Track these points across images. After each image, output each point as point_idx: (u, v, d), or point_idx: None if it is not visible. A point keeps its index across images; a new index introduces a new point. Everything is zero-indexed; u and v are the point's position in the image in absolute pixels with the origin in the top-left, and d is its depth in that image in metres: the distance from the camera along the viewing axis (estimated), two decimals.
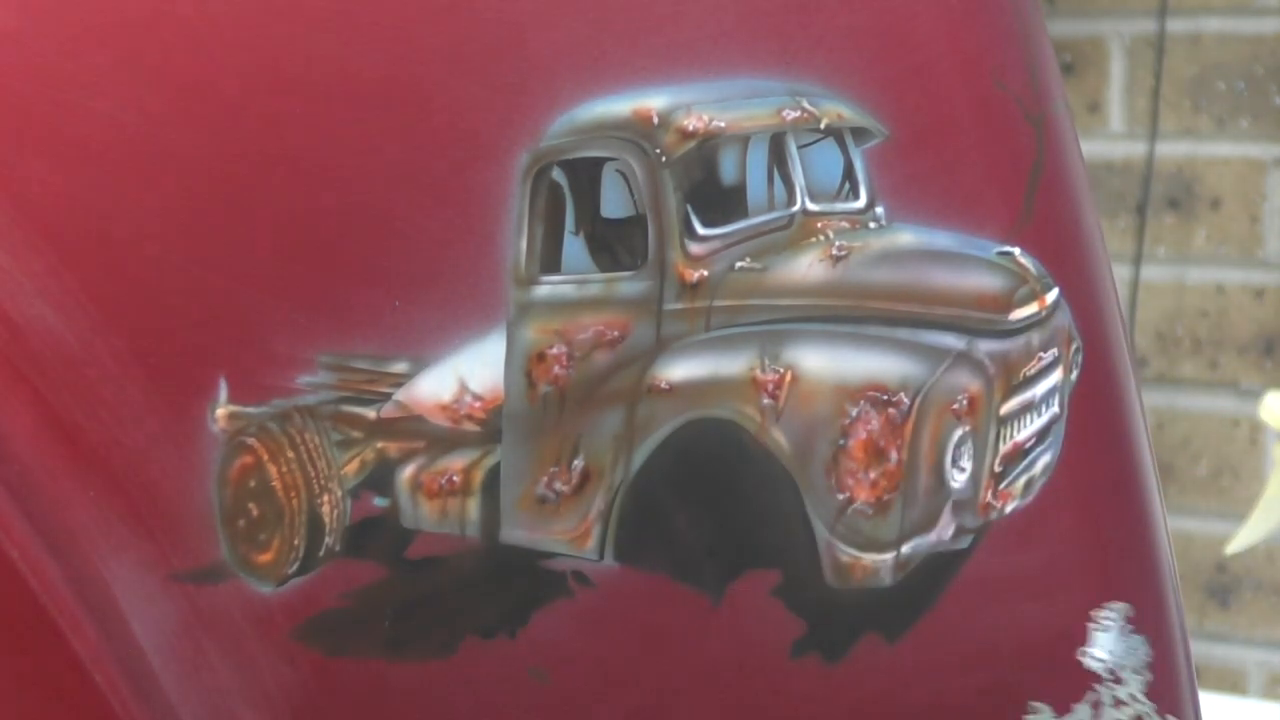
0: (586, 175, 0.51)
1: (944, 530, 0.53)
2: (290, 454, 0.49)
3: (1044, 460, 0.55)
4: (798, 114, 0.52)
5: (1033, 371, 0.55)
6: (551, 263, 0.51)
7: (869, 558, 0.52)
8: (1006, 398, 0.54)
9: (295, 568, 0.50)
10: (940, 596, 0.54)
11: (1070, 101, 0.60)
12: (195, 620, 0.49)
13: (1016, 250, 0.55)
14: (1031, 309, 0.54)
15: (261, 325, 0.49)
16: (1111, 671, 0.55)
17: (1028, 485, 0.55)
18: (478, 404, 0.50)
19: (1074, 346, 0.56)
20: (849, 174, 0.53)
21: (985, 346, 0.53)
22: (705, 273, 0.52)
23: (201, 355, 0.48)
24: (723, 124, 0.51)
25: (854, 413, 0.52)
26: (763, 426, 0.51)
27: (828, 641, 0.53)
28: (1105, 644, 0.55)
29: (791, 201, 0.53)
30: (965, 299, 0.53)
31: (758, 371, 0.52)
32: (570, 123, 0.50)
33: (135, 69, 0.47)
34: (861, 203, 0.53)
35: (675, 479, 0.51)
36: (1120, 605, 0.54)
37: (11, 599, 0.45)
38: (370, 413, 0.50)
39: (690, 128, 0.51)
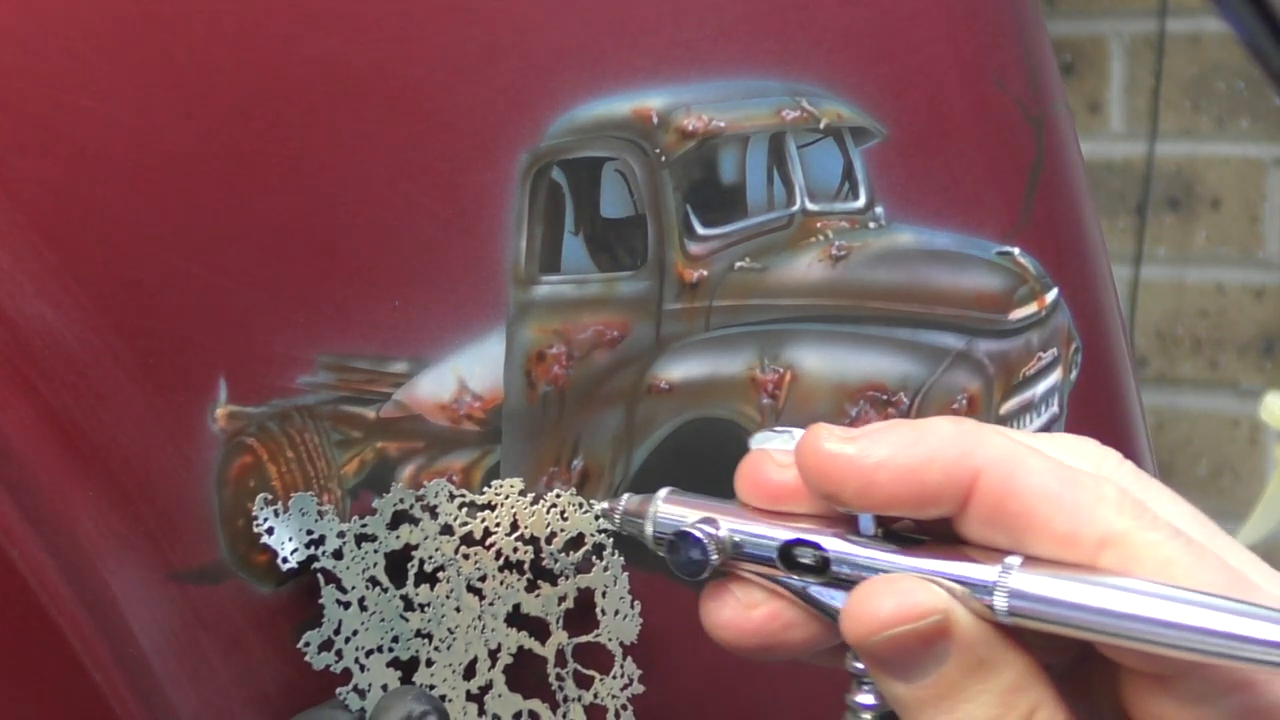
0: (586, 175, 0.51)
1: None
2: (290, 454, 0.49)
3: None
4: (797, 114, 0.52)
5: (1032, 371, 0.55)
6: (551, 262, 0.51)
7: None
8: (1006, 397, 0.54)
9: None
10: None
11: (1070, 101, 0.60)
12: (195, 620, 0.49)
13: (1016, 250, 0.55)
14: (1031, 309, 0.54)
15: (261, 325, 0.49)
16: None
17: None
18: (477, 404, 0.50)
19: (1073, 346, 0.56)
20: (849, 174, 0.53)
21: (985, 346, 0.53)
22: (705, 272, 0.52)
23: (201, 355, 0.48)
24: (722, 124, 0.51)
25: (854, 412, 0.52)
26: (762, 426, 0.51)
27: None
28: None
29: (791, 201, 0.53)
30: (965, 299, 0.53)
31: (757, 371, 0.52)
32: (570, 123, 0.50)
33: (135, 69, 0.47)
34: (861, 203, 0.53)
35: (675, 479, 0.51)
36: None
37: (11, 599, 0.45)
38: (370, 412, 0.50)
39: (690, 127, 0.51)
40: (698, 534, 0.43)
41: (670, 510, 0.45)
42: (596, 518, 0.49)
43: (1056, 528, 0.39)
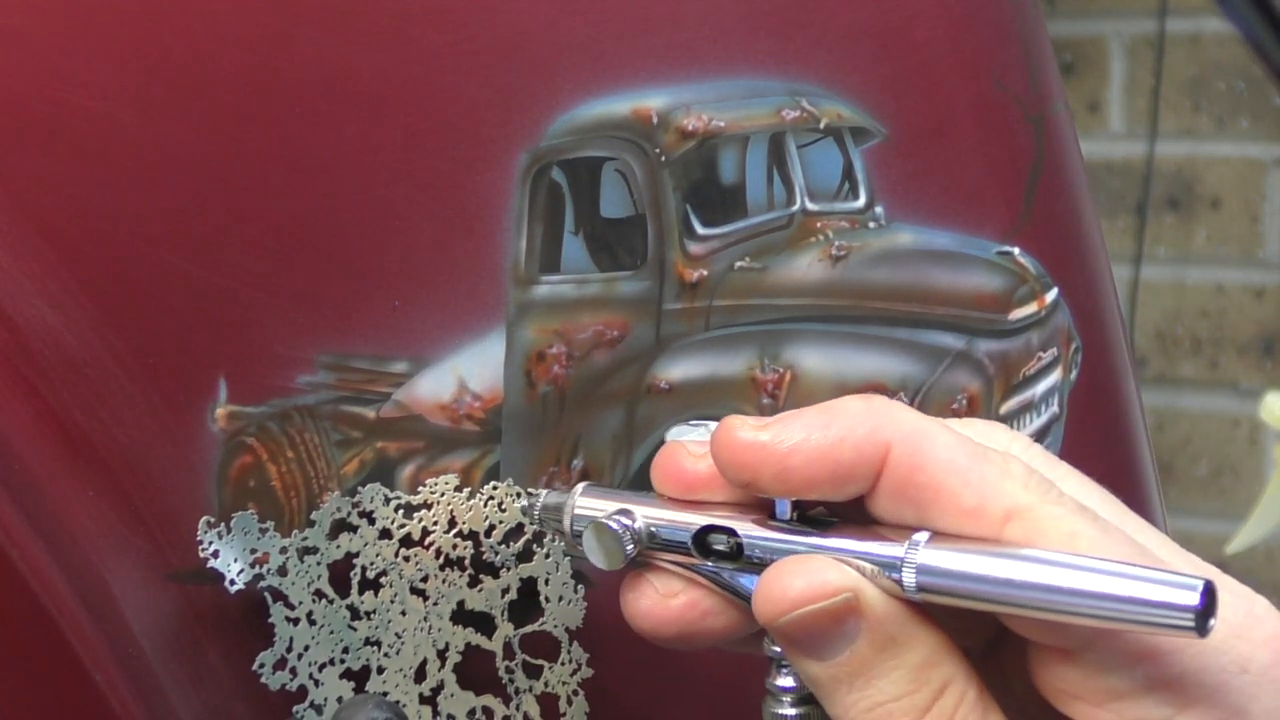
0: (586, 175, 0.51)
1: None
2: (290, 454, 0.49)
3: None
4: (797, 114, 0.52)
5: (1032, 371, 0.55)
6: (551, 262, 0.51)
7: None
8: (1006, 397, 0.54)
9: None
10: None
11: (1070, 101, 0.60)
12: (195, 620, 0.49)
13: (1016, 250, 0.55)
14: (1031, 309, 0.54)
15: (261, 325, 0.49)
16: None
17: None
18: (477, 404, 0.50)
19: (1073, 346, 0.56)
20: (849, 174, 0.53)
21: (985, 346, 0.53)
22: (705, 272, 0.52)
23: (201, 355, 0.48)
24: (722, 124, 0.51)
25: None
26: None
27: None
28: None
29: (791, 201, 0.53)
30: (965, 299, 0.53)
31: (757, 371, 0.52)
32: (570, 123, 0.50)
33: (135, 68, 0.47)
34: (861, 202, 0.53)
35: None
36: None
37: (12, 599, 0.45)
38: (370, 412, 0.50)
39: (690, 127, 0.51)
40: (613, 525, 0.44)
41: (587, 504, 0.45)
42: (523, 512, 0.48)
43: (963, 502, 0.40)
